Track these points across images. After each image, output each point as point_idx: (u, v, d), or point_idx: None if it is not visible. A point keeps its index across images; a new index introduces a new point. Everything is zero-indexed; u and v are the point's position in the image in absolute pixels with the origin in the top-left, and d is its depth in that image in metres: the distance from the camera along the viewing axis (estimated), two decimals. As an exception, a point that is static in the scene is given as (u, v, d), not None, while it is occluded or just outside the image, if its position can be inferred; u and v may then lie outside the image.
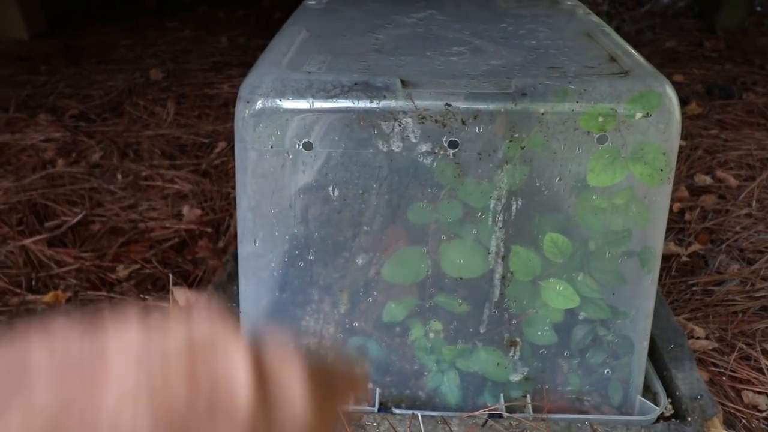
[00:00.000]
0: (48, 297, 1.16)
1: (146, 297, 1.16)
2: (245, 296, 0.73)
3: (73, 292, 1.18)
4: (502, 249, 0.67)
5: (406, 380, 0.78)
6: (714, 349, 0.98)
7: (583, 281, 0.68)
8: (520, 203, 0.65)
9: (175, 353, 0.19)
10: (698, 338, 0.99)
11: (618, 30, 2.51)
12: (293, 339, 0.22)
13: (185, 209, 1.43)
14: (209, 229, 1.35)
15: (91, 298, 1.16)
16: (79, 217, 1.39)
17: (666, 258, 1.20)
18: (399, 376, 0.78)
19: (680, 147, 1.63)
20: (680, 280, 1.14)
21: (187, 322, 0.20)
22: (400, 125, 0.61)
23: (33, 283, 1.21)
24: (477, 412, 0.72)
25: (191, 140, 1.73)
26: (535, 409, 0.74)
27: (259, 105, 0.63)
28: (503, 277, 0.69)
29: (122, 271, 1.23)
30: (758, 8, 2.50)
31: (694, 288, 1.12)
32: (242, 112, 0.64)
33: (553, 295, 0.68)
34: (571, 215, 0.65)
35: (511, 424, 0.71)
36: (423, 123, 0.61)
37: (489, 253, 0.68)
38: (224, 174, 1.58)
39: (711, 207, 1.33)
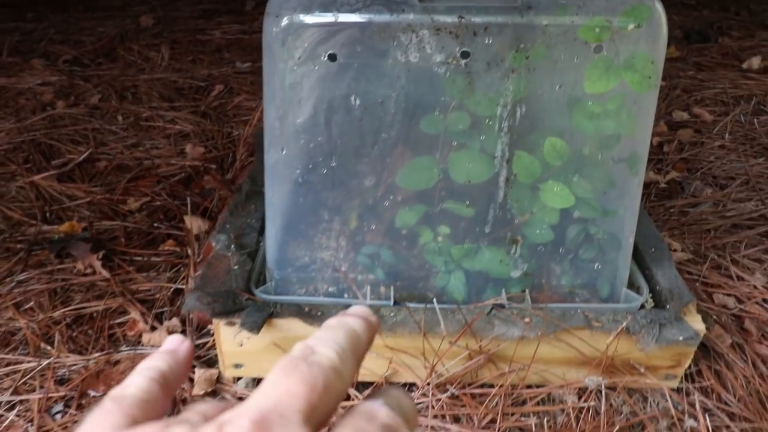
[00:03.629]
0: (64, 226, 1.21)
1: (159, 226, 1.22)
2: (271, 203, 0.80)
3: (87, 222, 1.23)
4: (507, 153, 0.75)
5: (416, 282, 0.86)
6: (689, 260, 1.08)
7: (578, 183, 0.76)
8: (524, 110, 0.72)
9: None
10: (675, 251, 1.09)
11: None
12: None
13: (188, 147, 1.48)
14: (213, 166, 1.41)
15: (106, 228, 1.22)
16: (86, 154, 1.43)
17: (646, 185, 1.29)
18: (409, 278, 0.86)
19: (660, 87, 1.72)
20: (659, 204, 1.24)
21: None
22: (417, 37, 0.68)
23: (47, 215, 1.26)
24: (482, 303, 0.81)
25: (188, 84, 1.76)
26: (534, 301, 0.82)
27: (286, 19, 0.69)
28: (507, 180, 0.76)
29: (133, 204, 1.29)
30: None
31: (671, 210, 1.22)
32: (270, 27, 0.69)
33: (550, 196, 0.76)
34: (569, 121, 0.73)
35: (512, 312, 0.80)
36: (438, 34, 0.68)
37: (495, 158, 0.75)
38: (223, 115, 1.62)
39: (688, 140, 1.42)
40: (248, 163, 1.38)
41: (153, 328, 0.98)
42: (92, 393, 0.89)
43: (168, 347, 0.29)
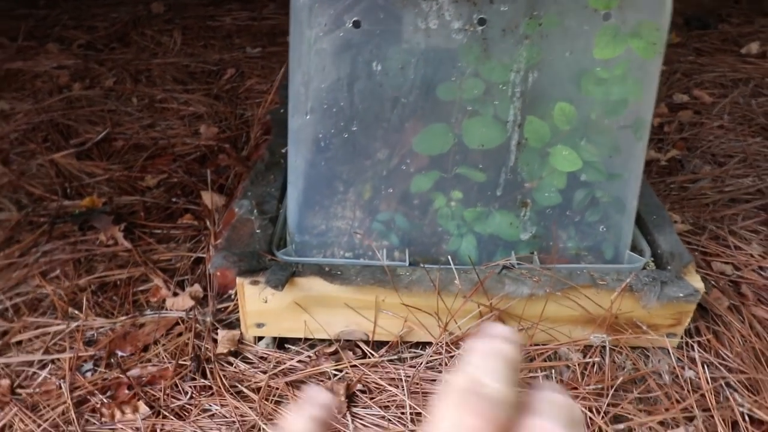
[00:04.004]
0: (85, 201, 1.25)
1: (177, 201, 1.26)
2: (294, 166, 0.84)
3: (107, 197, 1.27)
4: (519, 118, 0.79)
5: (429, 247, 0.90)
6: (688, 231, 1.12)
7: (585, 147, 0.81)
8: (535, 76, 0.76)
9: None
10: (675, 222, 1.14)
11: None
12: None
13: (202, 128, 1.52)
14: (227, 145, 1.45)
15: (125, 203, 1.26)
16: (103, 134, 1.47)
17: (647, 163, 1.33)
18: (422, 243, 0.90)
19: (660, 71, 1.76)
20: (659, 180, 1.28)
21: None
22: (437, 4, 0.72)
23: (68, 191, 1.30)
24: (493, 263, 0.85)
25: (200, 68, 1.80)
26: (541, 263, 0.87)
27: (312, -11, 0.73)
28: (519, 144, 0.81)
29: (151, 180, 1.33)
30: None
31: (671, 186, 1.26)
32: (297, -4, 0.73)
33: (559, 159, 0.81)
34: (578, 87, 0.77)
35: (522, 272, 0.84)
36: (457, 2, 0.72)
37: (507, 123, 0.79)
38: (235, 97, 1.66)
39: (688, 120, 1.46)
40: (262, 141, 1.42)
41: (175, 294, 1.03)
42: (120, 353, 0.93)
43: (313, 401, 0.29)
